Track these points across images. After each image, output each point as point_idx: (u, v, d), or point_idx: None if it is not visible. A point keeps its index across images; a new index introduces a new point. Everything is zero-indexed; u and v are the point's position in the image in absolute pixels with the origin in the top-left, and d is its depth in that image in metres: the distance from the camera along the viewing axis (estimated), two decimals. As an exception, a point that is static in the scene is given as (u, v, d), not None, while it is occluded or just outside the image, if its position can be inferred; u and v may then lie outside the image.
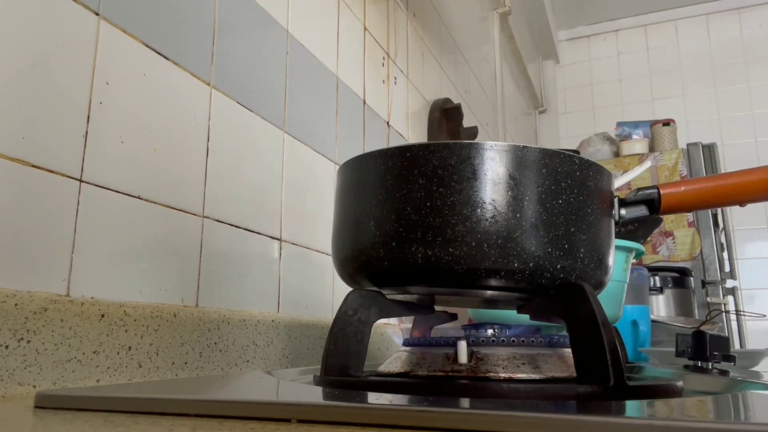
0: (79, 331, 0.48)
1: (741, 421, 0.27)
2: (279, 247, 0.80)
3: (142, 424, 0.30)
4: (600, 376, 0.39)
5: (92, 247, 0.51)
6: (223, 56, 0.71)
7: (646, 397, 0.39)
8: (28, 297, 0.44)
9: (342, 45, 1.05)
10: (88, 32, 0.53)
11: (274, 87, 0.82)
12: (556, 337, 0.46)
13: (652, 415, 0.29)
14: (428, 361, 0.46)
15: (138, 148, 0.57)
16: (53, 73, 0.49)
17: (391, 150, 0.46)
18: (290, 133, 0.84)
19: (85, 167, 0.51)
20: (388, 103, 1.22)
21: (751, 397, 0.37)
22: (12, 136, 0.46)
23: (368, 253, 0.46)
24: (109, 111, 0.54)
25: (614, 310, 0.81)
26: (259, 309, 0.74)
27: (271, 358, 0.73)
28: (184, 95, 0.64)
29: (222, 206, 0.68)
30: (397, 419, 0.29)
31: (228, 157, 0.70)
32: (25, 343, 0.44)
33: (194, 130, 0.65)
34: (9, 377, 0.42)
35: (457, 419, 0.28)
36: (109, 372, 0.50)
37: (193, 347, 0.60)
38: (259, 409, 0.31)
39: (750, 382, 0.50)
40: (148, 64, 0.59)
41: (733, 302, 2.37)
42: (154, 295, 0.57)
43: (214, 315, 0.64)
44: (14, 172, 0.45)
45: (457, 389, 0.41)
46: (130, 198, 0.56)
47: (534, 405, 0.31)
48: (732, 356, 0.63)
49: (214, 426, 0.29)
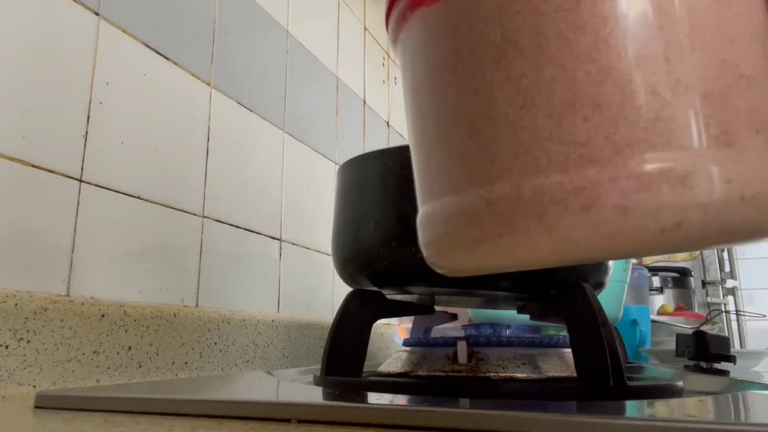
0: (79, 331, 0.48)
1: (741, 421, 0.27)
2: (279, 247, 0.80)
3: (142, 424, 0.30)
4: (600, 376, 0.39)
5: (92, 247, 0.51)
6: (223, 56, 0.71)
7: (646, 397, 0.39)
8: (28, 297, 0.44)
9: (342, 45, 1.05)
10: (88, 32, 0.53)
11: (274, 87, 0.82)
12: (556, 337, 0.46)
13: (652, 415, 0.29)
14: (428, 361, 0.46)
15: (138, 148, 0.57)
16: (53, 73, 0.49)
17: (391, 150, 0.46)
18: (290, 133, 0.84)
19: (85, 167, 0.51)
20: (388, 103, 1.22)
21: (751, 397, 0.37)
22: (12, 136, 0.46)
23: (368, 253, 0.46)
24: (109, 111, 0.54)
25: (614, 310, 0.81)
26: (259, 309, 0.74)
27: (271, 358, 0.73)
28: (184, 95, 0.64)
29: (222, 206, 0.68)
30: (397, 419, 0.29)
31: (228, 157, 0.70)
32: (25, 343, 0.44)
33: (194, 130, 0.65)
34: (9, 377, 0.42)
35: (457, 419, 0.28)
36: (109, 372, 0.50)
37: (193, 347, 0.60)
38: (259, 409, 0.31)
39: (750, 382, 0.50)
40: (148, 64, 0.59)
41: (733, 302, 2.37)
42: (154, 295, 0.57)
43: (214, 315, 0.64)
44: (14, 172, 0.45)
45: (457, 389, 0.41)
46: (130, 198, 0.56)
47: (534, 405, 0.31)
48: (732, 356, 0.63)
49: (214, 426, 0.29)
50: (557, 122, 0.15)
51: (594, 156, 0.15)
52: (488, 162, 0.16)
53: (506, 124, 0.16)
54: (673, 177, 0.14)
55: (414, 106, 0.20)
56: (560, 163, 0.15)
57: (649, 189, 0.14)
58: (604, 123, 0.15)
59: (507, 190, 0.16)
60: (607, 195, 0.15)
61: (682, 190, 0.14)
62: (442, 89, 0.18)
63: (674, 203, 0.14)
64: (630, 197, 0.14)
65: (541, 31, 0.16)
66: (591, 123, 0.15)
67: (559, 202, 0.15)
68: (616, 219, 0.15)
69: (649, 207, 0.14)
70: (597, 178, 0.15)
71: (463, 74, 0.17)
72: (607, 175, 0.15)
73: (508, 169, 0.16)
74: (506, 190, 0.16)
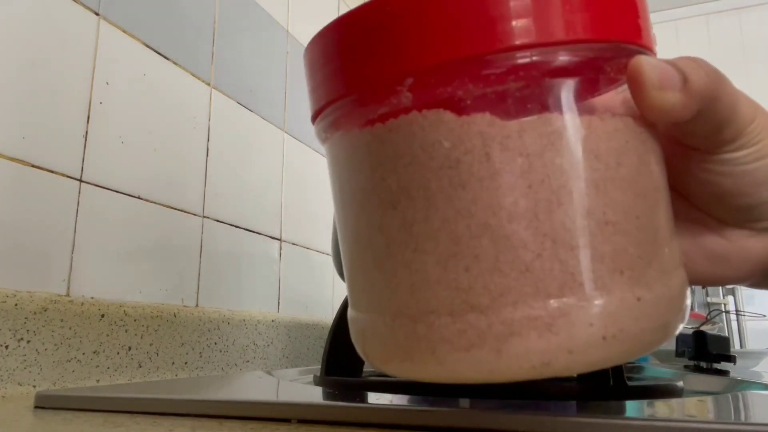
0: (79, 331, 0.48)
1: (741, 421, 0.27)
2: (279, 247, 0.80)
3: (142, 424, 0.30)
4: (600, 376, 0.39)
5: (92, 247, 0.51)
6: (223, 56, 0.71)
7: (646, 397, 0.39)
8: (28, 297, 0.44)
9: (342, 45, 1.05)
10: (88, 32, 0.53)
11: (274, 87, 0.82)
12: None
13: (652, 415, 0.29)
14: (428, 361, 0.46)
15: (138, 148, 0.57)
16: (53, 73, 0.49)
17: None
18: (290, 133, 0.84)
19: (85, 167, 0.51)
20: (388, 103, 1.22)
21: (751, 397, 0.37)
22: (12, 136, 0.46)
23: (368, 253, 0.46)
24: (109, 111, 0.54)
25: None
26: (259, 309, 0.74)
27: (271, 358, 0.73)
28: (184, 95, 0.64)
29: (222, 206, 0.68)
30: (397, 419, 0.29)
31: (228, 157, 0.70)
32: (25, 343, 0.44)
33: (194, 130, 0.65)
34: (9, 377, 0.42)
35: (457, 419, 0.28)
36: (109, 372, 0.50)
37: (193, 347, 0.60)
38: (259, 409, 0.31)
39: (750, 382, 0.50)
40: (148, 64, 0.59)
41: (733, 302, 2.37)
42: (154, 295, 0.57)
43: (214, 315, 0.64)
44: (14, 172, 0.45)
45: (457, 389, 0.41)
46: (130, 198, 0.56)
47: (534, 405, 0.31)
48: (732, 356, 0.63)
49: (214, 426, 0.29)
50: (444, 269, 0.17)
51: (474, 302, 0.17)
52: (391, 294, 0.18)
53: (402, 265, 0.18)
54: (540, 324, 0.16)
55: (338, 217, 0.22)
56: (447, 306, 0.17)
57: (519, 335, 0.16)
58: (482, 273, 0.17)
59: (406, 324, 0.18)
60: (484, 338, 0.17)
61: (548, 335, 0.16)
62: (355, 219, 0.20)
63: (542, 348, 0.16)
64: (503, 342, 0.16)
65: (428, 184, 0.17)
66: (471, 272, 0.17)
67: (446, 341, 0.17)
68: (493, 359, 0.17)
69: (520, 351, 0.16)
70: (476, 323, 0.17)
71: (368, 210, 0.19)
72: (485, 321, 0.17)
73: (407, 304, 0.18)
74: (405, 324, 0.18)
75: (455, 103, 0.17)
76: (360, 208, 0.20)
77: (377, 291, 0.19)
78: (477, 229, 0.17)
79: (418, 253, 0.18)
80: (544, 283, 0.16)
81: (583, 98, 0.18)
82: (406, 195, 0.18)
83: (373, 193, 0.19)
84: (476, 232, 0.17)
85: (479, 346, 0.17)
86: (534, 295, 0.16)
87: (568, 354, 0.16)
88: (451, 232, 0.17)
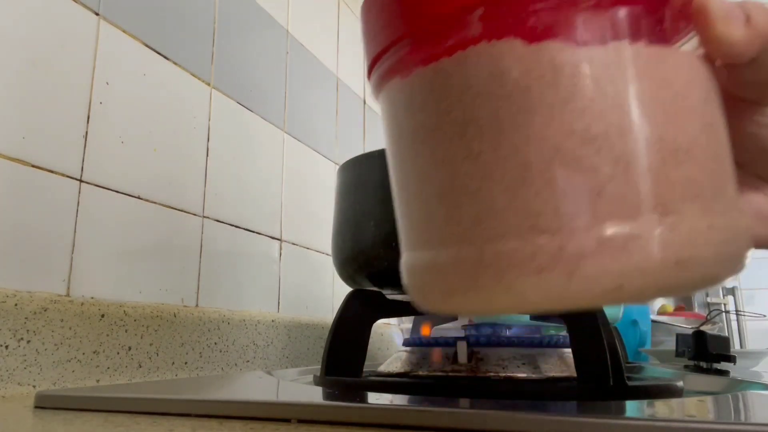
0: (79, 331, 0.48)
1: (741, 421, 0.27)
2: (279, 247, 0.80)
3: (142, 424, 0.30)
4: (600, 376, 0.39)
5: (92, 247, 0.51)
6: (223, 56, 0.71)
7: (646, 397, 0.39)
8: (28, 297, 0.44)
9: (342, 45, 1.05)
10: (88, 32, 0.53)
11: (274, 87, 0.82)
12: (556, 337, 0.46)
13: (652, 415, 0.29)
14: (428, 361, 0.46)
15: (138, 148, 0.57)
16: (53, 73, 0.49)
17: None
18: (290, 133, 0.84)
19: (85, 167, 0.51)
20: (388, 103, 1.22)
21: (751, 397, 0.37)
22: (12, 136, 0.46)
23: (368, 253, 0.46)
24: (109, 111, 0.54)
25: (614, 310, 0.81)
26: (259, 309, 0.74)
27: (271, 358, 0.73)
28: (184, 95, 0.64)
29: (222, 206, 0.68)
30: (397, 419, 0.29)
31: (228, 157, 0.70)
32: (25, 343, 0.44)
33: (194, 130, 0.65)
34: (9, 377, 0.42)
35: (457, 419, 0.28)
36: (109, 372, 0.50)
37: (193, 347, 0.60)
38: (259, 409, 0.31)
39: (750, 382, 0.50)
40: (148, 64, 0.59)
41: (733, 302, 2.37)
42: (154, 295, 0.57)
43: (214, 315, 0.64)
44: (14, 172, 0.46)
45: (457, 389, 0.41)
46: (130, 198, 0.56)
47: (534, 405, 0.31)
48: (732, 356, 0.63)
49: (214, 426, 0.29)
50: (513, 195, 0.17)
51: (545, 226, 0.17)
52: (455, 226, 0.19)
53: (468, 195, 0.18)
54: (614, 245, 0.16)
55: (394, 162, 0.22)
56: (516, 231, 0.17)
57: (592, 257, 0.16)
58: (553, 197, 0.17)
59: (471, 253, 0.18)
60: (555, 261, 0.17)
61: (621, 257, 0.16)
62: (414, 156, 0.20)
63: (615, 269, 0.16)
64: (575, 264, 0.16)
65: (498, 113, 0.18)
66: (541, 197, 0.17)
67: (515, 266, 0.17)
68: (564, 283, 0.17)
69: (592, 273, 0.16)
70: (548, 246, 0.17)
71: (431, 145, 0.19)
72: (557, 243, 0.17)
73: (471, 234, 0.18)
74: (471, 253, 0.18)
75: (526, 31, 0.18)
76: (422, 145, 0.20)
77: (439, 225, 0.19)
78: (548, 153, 0.17)
79: (486, 181, 0.18)
80: (618, 206, 0.16)
81: (653, 28, 0.19)
82: (474, 125, 0.18)
83: (437, 127, 0.19)
84: (547, 156, 0.17)
85: (550, 269, 0.17)
86: (607, 218, 0.16)
87: (642, 277, 0.16)
88: (521, 158, 0.17)
